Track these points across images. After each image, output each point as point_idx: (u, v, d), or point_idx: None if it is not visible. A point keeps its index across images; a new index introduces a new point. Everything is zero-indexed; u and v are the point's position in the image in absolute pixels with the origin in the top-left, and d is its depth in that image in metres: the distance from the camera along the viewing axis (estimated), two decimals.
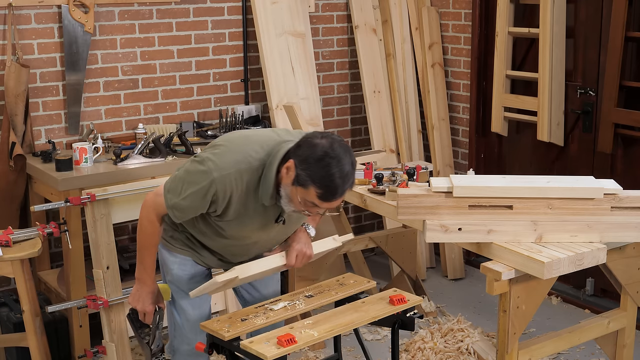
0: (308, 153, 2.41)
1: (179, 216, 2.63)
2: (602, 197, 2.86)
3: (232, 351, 2.51)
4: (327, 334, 2.56)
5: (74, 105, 4.21)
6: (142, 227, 2.73)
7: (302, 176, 2.40)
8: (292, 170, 2.43)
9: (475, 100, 5.07)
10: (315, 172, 2.39)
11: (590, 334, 3.17)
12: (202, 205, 2.56)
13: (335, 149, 2.40)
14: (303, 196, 2.45)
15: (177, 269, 2.84)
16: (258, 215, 2.61)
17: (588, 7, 4.43)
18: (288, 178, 2.45)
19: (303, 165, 2.41)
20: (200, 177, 2.51)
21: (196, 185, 2.52)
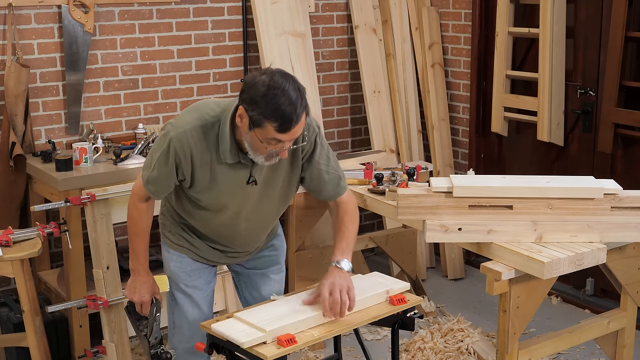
0: (252, 93, 2.41)
1: (155, 190, 2.66)
2: (602, 197, 2.86)
3: (232, 351, 2.51)
4: (327, 334, 2.56)
5: (74, 105, 4.21)
6: (129, 215, 2.75)
7: (255, 117, 2.40)
8: (244, 116, 2.44)
9: (475, 100, 5.07)
10: (265, 108, 2.39)
11: (590, 334, 3.17)
12: (169, 171, 2.58)
13: (277, 80, 2.40)
14: (264, 136, 2.43)
15: (174, 266, 2.85)
16: (227, 178, 2.59)
17: (588, 7, 4.43)
18: (244, 125, 2.46)
19: (252, 106, 2.41)
20: (161, 140, 2.58)
21: (159, 150, 2.58)
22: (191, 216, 2.77)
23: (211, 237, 2.81)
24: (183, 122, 2.56)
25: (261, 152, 2.50)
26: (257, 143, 2.46)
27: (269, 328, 2.45)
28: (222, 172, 2.59)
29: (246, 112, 2.42)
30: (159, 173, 2.62)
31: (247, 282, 3.00)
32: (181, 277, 2.86)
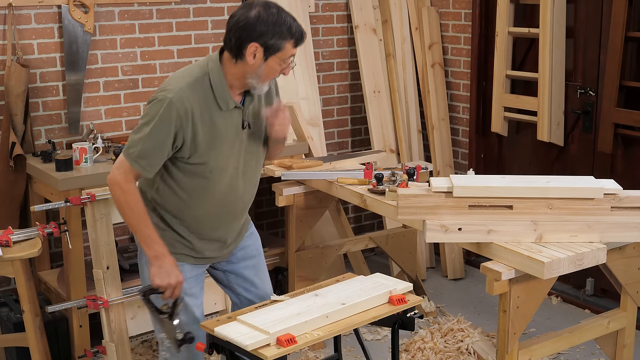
0: (259, 27, 2.54)
1: (147, 164, 2.59)
2: (602, 197, 2.86)
3: (232, 351, 2.51)
4: (327, 334, 2.56)
5: (74, 105, 4.21)
6: (123, 205, 2.63)
7: (272, 43, 2.55)
8: (258, 49, 2.55)
9: (475, 100, 5.07)
10: (280, 32, 2.54)
11: (590, 334, 3.17)
12: (167, 137, 2.55)
13: (270, 6, 2.57)
14: (283, 58, 2.59)
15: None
16: (226, 127, 2.65)
17: (588, 7, 4.43)
18: (257, 59, 2.56)
19: (266, 37, 2.54)
20: (157, 107, 2.55)
21: (155, 117, 2.54)
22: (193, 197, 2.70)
23: (213, 216, 2.75)
24: (174, 84, 2.58)
25: (270, 77, 2.64)
26: (272, 69, 2.60)
27: (272, 330, 2.46)
28: (221, 123, 2.64)
29: (261, 45, 2.54)
30: (155, 142, 2.56)
31: (239, 279, 2.98)
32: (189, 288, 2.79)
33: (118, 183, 2.63)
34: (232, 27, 2.57)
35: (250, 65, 2.58)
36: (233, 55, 2.60)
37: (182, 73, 2.65)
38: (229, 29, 2.59)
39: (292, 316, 2.57)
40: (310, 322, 2.55)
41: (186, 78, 2.60)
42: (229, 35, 2.58)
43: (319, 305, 2.66)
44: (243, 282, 2.99)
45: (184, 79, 2.60)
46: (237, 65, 2.60)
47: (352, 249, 4.41)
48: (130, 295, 3.70)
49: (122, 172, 2.62)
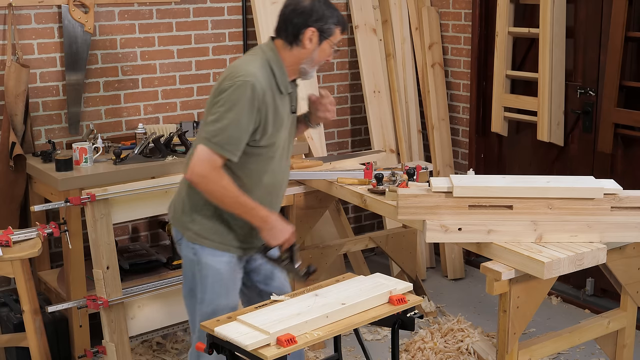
0: (317, 13, 2.74)
1: (235, 149, 2.67)
2: (602, 197, 2.86)
3: (232, 351, 2.51)
4: (327, 334, 2.56)
5: (74, 105, 4.21)
6: (219, 193, 2.70)
7: (327, 28, 2.76)
8: (314, 34, 2.75)
9: (475, 100, 5.07)
10: (332, 18, 2.77)
11: (590, 334, 3.17)
12: (251, 121, 2.66)
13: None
14: (333, 42, 2.80)
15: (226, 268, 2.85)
16: (284, 111, 2.81)
17: (588, 7, 4.43)
18: (313, 44, 2.76)
19: (322, 22, 2.75)
20: (240, 91, 2.64)
21: (240, 101, 2.64)
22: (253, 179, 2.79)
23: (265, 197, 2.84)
24: (248, 69, 2.69)
25: (319, 62, 2.83)
26: (322, 54, 2.80)
27: (272, 330, 2.45)
28: (280, 106, 2.79)
29: (317, 30, 2.74)
30: (240, 127, 2.66)
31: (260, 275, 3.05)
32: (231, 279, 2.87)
33: (206, 175, 2.68)
34: (289, 15, 2.75)
35: (306, 49, 2.76)
36: (289, 41, 2.76)
37: (248, 60, 2.76)
38: (284, 17, 2.76)
39: (292, 316, 2.57)
40: (310, 322, 2.54)
41: (255, 63, 2.73)
42: (285, 23, 2.75)
43: (319, 305, 2.66)
44: (264, 278, 3.05)
45: (253, 64, 2.72)
46: (292, 51, 2.77)
47: (352, 249, 4.41)
48: (130, 295, 3.70)
49: (208, 163, 2.67)
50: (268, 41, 2.81)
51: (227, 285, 2.87)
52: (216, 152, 2.66)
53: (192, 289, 2.90)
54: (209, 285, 2.85)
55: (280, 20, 2.77)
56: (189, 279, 2.91)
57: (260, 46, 2.81)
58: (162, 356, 4.02)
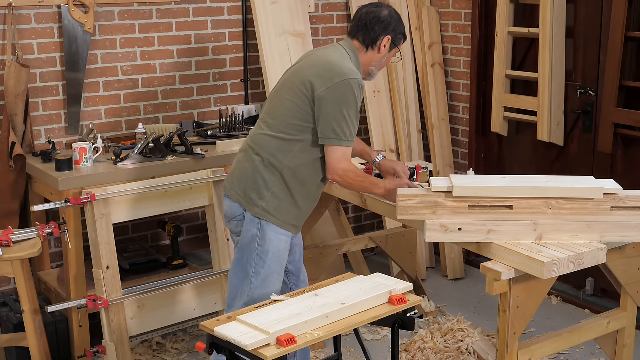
0: (393, 24, 3.09)
1: (353, 137, 2.99)
2: (602, 197, 2.86)
3: (232, 351, 2.51)
4: (327, 334, 2.56)
5: (74, 105, 4.21)
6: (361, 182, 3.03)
7: (398, 38, 3.12)
8: (389, 42, 3.09)
9: (475, 100, 5.07)
10: (401, 29, 3.13)
11: (590, 334, 3.17)
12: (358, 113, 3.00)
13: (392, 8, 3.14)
14: (398, 50, 3.15)
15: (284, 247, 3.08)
16: None
17: (588, 7, 4.43)
18: (386, 49, 3.10)
19: (395, 32, 3.10)
20: (353, 90, 2.93)
21: (355, 99, 2.94)
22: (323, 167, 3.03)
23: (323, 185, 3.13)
24: (348, 67, 2.97)
25: (386, 65, 3.20)
26: (388, 60, 3.16)
27: (272, 330, 2.46)
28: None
29: (392, 38, 3.09)
30: (356, 121, 2.98)
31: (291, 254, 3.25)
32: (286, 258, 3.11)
33: (349, 171, 2.99)
34: (371, 22, 3.06)
35: (380, 54, 3.10)
36: (366, 45, 3.08)
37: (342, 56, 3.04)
38: (366, 23, 3.07)
39: (292, 316, 2.57)
40: (310, 322, 2.55)
41: (348, 62, 3.01)
42: (367, 28, 3.07)
43: (319, 305, 2.66)
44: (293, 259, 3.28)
45: (347, 62, 3.00)
46: (367, 54, 3.09)
47: (352, 249, 4.41)
48: (130, 295, 3.70)
49: (345, 161, 2.97)
50: (348, 41, 3.10)
51: (282, 262, 3.09)
52: (347, 146, 2.96)
53: (247, 263, 3.06)
54: (268, 260, 3.04)
55: (360, 24, 3.08)
56: (247, 254, 3.06)
57: (342, 45, 3.10)
58: (162, 356, 4.02)
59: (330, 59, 3.00)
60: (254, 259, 3.04)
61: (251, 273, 3.05)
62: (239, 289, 3.09)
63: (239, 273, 3.09)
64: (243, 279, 3.07)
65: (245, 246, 3.06)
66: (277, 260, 3.06)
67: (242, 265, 3.07)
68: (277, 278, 3.08)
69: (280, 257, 3.07)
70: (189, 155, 3.99)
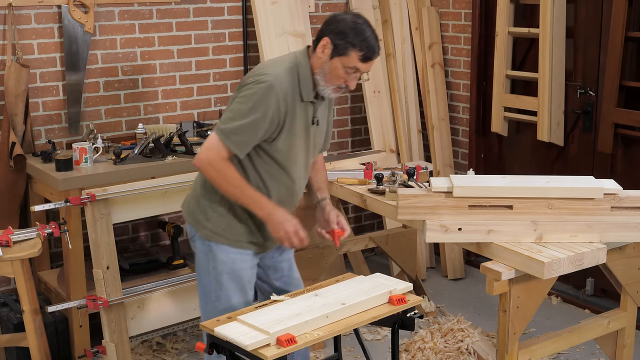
0: (341, 25, 2.68)
1: (240, 141, 2.66)
2: (602, 197, 2.86)
3: (232, 351, 2.51)
4: (327, 334, 2.56)
5: (74, 105, 4.21)
6: (221, 181, 2.71)
7: (342, 45, 2.67)
8: (328, 46, 2.69)
9: (475, 100, 5.07)
10: (354, 38, 2.67)
11: (590, 334, 3.18)
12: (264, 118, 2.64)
13: (362, 17, 2.74)
14: (345, 64, 2.69)
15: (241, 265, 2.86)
16: (301, 119, 2.76)
17: (588, 7, 4.43)
18: (324, 55, 2.70)
19: (340, 36, 2.67)
20: (258, 88, 2.64)
21: (255, 97, 2.64)
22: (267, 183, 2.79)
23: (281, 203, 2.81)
24: (274, 69, 2.69)
25: (334, 83, 2.74)
26: (335, 71, 2.71)
27: (272, 330, 2.45)
28: (300, 114, 2.75)
29: (331, 41, 2.68)
30: (251, 122, 2.64)
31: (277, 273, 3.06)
32: (247, 276, 2.87)
33: (210, 163, 2.70)
34: (324, 22, 2.75)
35: (320, 60, 2.72)
36: (313, 46, 2.75)
37: (277, 61, 2.78)
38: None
39: (292, 316, 2.57)
40: (310, 322, 2.55)
41: (282, 65, 2.73)
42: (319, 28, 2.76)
43: (319, 305, 2.66)
44: (280, 276, 3.06)
45: (280, 65, 2.72)
46: (312, 57, 2.75)
47: (352, 249, 4.41)
48: (130, 295, 3.70)
49: (214, 151, 2.69)
50: (305, 47, 2.82)
51: (241, 282, 2.88)
52: (225, 143, 2.68)
53: (206, 286, 2.89)
54: (224, 282, 2.85)
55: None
56: (204, 277, 2.90)
57: (296, 51, 2.82)
58: (162, 356, 4.02)
59: (264, 62, 2.84)
60: (212, 284, 2.87)
61: (213, 297, 2.88)
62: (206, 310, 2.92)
63: (202, 296, 2.93)
64: (206, 303, 2.91)
65: (202, 269, 2.90)
66: (236, 282, 2.87)
67: (203, 288, 2.92)
68: (240, 297, 2.87)
69: (237, 278, 2.87)
70: (189, 155, 3.99)
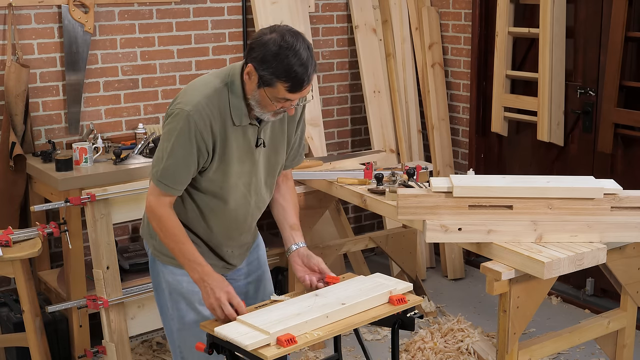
0: (263, 52, 2.38)
1: (173, 182, 2.49)
2: (602, 197, 2.86)
3: (232, 351, 2.51)
4: (327, 334, 2.56)
5: (74, 105, 4.21)
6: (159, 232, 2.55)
7: (266, 76, 2.39)
8: (253, 74, 2.41)
9: (475, 100, 5.07)
10: (277, 68, 2.37)
11: (590, 334, 3.17)
12: (190, 152, 2.45)
13: (287, 39, 2.38)
14: (273, 95, 2.42)
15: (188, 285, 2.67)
16: (239, 143, 2.54)
17: (588, 7, 4.43)
18: (252, 83, 2.44)
19: (262, 65, 2.38)
20: (175, 122, 2.44)
21: (174, 132, 2.43)
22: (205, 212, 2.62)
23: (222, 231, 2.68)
24: (192, 97, 2.46)
25: (269, 110, 2.48)
26: (265, 101, 2.45)
27: (272, 330, 2.45)
28: (235, 138, 2.53)
29: (255, 70, 2.40)
30: (178, 158, 2.45)
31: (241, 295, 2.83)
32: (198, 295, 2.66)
33: (152, 211, 2.54)
34: (250, 42, 2.46)
35: (247, 84, 2.47)
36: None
37: (200, 84, 2.52)
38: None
39: (292, 316, 2.56)
40: (310, 322, 2.54)
41: (204, 90, 2.48)
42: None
43: (319, 305, 2.66)
44: (245, 298, 2.86)
45: (201, 91, 2.48)
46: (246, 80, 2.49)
47: (352, 249, 4.41)
48: (130, 295, 3.70)
49: (154, 197, 2.53)
50: (240, 63, 2.51)
51: (192, 304, 2.70)
52: (161, 190, 2.50)
53: (161, 303, 2.77)
54: (174, 302, 2.71)
55: None
56: (158, 293, 2.76)
57: (232, 66, 2.54)
58: (162, 356, 4.02)
59: (187, 86, 2.54)
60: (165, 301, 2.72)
61: (168, 315, 2.73)
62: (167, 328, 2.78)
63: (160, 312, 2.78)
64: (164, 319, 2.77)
65: (155, 286, 2.76)
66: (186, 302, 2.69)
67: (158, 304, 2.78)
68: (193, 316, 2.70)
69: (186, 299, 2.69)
70: None
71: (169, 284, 2.71)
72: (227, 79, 2.50)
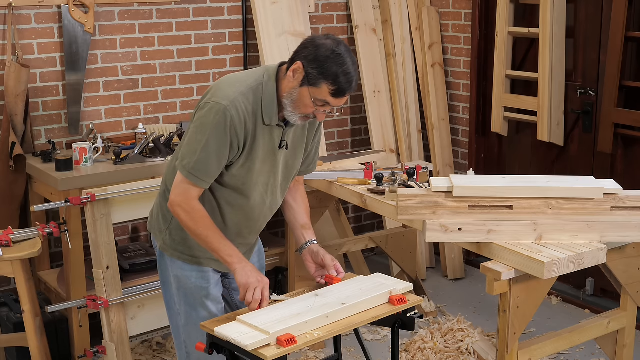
0: (316, 53, 2.47)
1: (204, 176, 2.52)
2: (602, 197, 2.86)
3: (232, 351, 2.51)
4: (327, 334, 2.56)
5: (74, 105, 4.21)
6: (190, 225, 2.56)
7: (314, 75, 2.47)
8: (300, 71, 2.49)
9: (475, 100, 5.07)
10: (327, 69, 2.45)
11: (590, 334, 3.17)
12: (224, 146, 2.49)
13: (341, 48, 2.48)
14: (315, 95, 2.49)
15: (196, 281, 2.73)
16: (265, 142, 2.59)
17: (588, 7, 4.43)
18: (295, 81, 2.50)
19: (313, 64, 2.46)
20: (212, 115, 2.48)
21: (211, 125, 2.47)
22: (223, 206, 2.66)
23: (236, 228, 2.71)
24: (228, 92, 2.51)
25: (302, 111, 2.54)
26: (303, 100, 2.51)
27: (272, 330, 2.45)
28: (262, 137, 2.58)
29: (304, 68, 2.47)
30: (212, 151, 2.48)
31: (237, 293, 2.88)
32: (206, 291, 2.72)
33: (179, 205, 2.56)
34: (302, 43, 2.54)
35: (290, 84, 2.52)
36: (287, 67, 2.55)
37: (235, 80, 2.57)
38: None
39: (292, 316, 2.57)
40: (310, 322, 2.54)
41: (239, 87, 2.53)
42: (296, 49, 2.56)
43: (319, 305, 2.66)
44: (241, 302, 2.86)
45: (237, 87, 2.53)
46: (283, 79, 2.55)
47: (352, 249, 4.41)
48: (130, 295, 3.70)
49: (181, 191, 2.55)
50: (275, 65, 2.60)
51: (200, 299, 2.74)
52: (190, 180, 2.54)
53: (168, 299, 2.81)
54: (182, 297, 2.75)
55: None
56: (165, 289, 2.81)
57: (266, 67, 2.61)
58: (162, 356, 4.02)
59: (222, 80, 2.59)
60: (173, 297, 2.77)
61: (175, 310, 2.78)
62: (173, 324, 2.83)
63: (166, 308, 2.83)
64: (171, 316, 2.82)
65: (162, 281, 2.80)
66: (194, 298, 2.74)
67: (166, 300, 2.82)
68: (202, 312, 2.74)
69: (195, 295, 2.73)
70: None
71: (177, 278, 2.74)
72: (261, 79, 2.56)
